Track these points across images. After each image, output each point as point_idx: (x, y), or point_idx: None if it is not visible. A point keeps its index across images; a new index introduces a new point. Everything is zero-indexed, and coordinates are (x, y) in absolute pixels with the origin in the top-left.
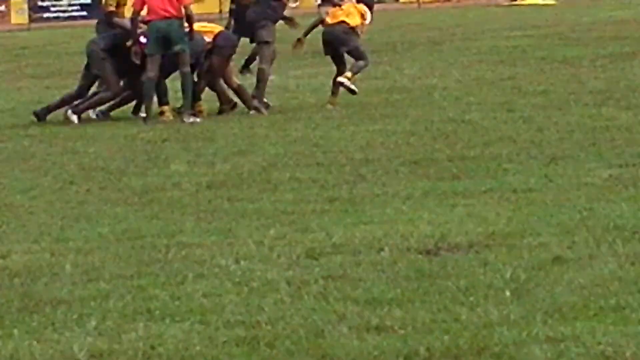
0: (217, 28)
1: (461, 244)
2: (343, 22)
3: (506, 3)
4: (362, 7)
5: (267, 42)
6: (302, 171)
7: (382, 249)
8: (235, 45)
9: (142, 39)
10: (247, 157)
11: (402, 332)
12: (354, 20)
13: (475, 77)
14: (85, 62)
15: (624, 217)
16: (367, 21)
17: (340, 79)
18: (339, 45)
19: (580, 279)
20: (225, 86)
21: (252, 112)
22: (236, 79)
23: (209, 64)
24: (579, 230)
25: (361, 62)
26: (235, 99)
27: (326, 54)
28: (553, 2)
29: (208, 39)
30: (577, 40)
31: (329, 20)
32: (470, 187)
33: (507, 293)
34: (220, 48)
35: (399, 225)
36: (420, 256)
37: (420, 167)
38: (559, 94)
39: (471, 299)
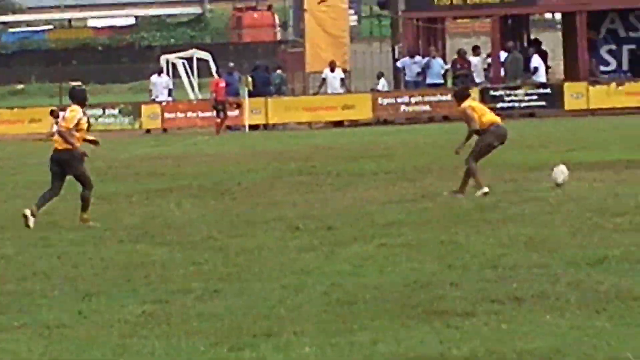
0: None
1: None
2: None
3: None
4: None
5: None
6: None
7: None
8: None
9: None
10: None
11: None
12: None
13: (13, 213)
14: None
15: (155, 355)
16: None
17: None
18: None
19: None
20: None
21: None
22: None
23: None
24: None
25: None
26: None
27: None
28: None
29: None
30: (114, 176)
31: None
32: (3, 323)
33: None
34: None
35: None
36: None
37: None
38: (96, 230)
39: None
